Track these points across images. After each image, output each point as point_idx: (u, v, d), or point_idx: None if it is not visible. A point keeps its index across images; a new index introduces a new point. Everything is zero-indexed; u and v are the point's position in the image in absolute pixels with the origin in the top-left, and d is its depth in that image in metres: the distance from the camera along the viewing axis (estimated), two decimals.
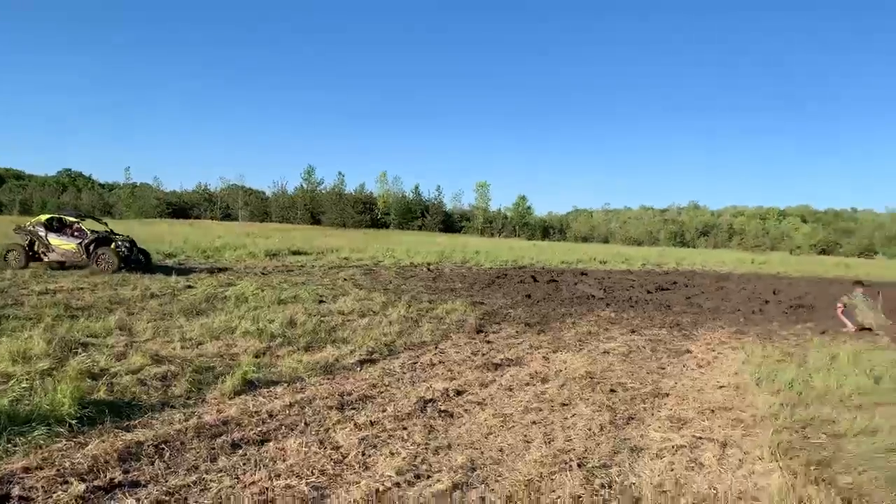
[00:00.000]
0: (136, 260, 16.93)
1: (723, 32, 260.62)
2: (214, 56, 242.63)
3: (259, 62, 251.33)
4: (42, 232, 16.39)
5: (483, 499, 4.06)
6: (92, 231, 16.99)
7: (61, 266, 16.50)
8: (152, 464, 4.35)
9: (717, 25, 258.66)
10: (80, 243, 16.36)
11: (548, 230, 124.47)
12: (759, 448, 5.21)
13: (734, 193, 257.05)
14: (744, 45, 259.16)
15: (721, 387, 7.55)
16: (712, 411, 6.46)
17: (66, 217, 17.42)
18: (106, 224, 18.31)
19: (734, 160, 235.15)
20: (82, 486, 3.90)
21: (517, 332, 10.84)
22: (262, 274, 18.06)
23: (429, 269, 23.88)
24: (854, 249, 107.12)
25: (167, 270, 17.24)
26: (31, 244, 16.54)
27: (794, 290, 23.80)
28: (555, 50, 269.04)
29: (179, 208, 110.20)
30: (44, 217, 16.98)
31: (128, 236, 17.66)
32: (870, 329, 12.60)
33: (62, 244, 16.39)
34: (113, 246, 16.50)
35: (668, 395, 7.11)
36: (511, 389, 6.96)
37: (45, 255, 16.45)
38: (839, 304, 13.42)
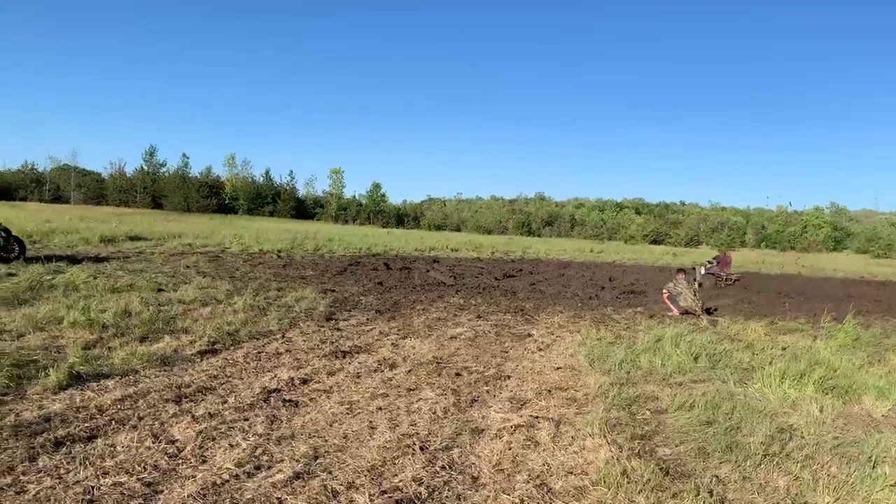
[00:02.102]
0: (12, 249, 15.07)
1: (558, 27, 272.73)
2: (35, 19, 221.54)
3: (89, 27, 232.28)
4: None
5: (325, 486, 4.04)
6: None
7: None
8: None
9: (551, 17, 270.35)
10: None
11: (402, 218, 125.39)
12: (590, 425, 5.53)
13: (577, 186, 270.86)
14: (578, 38, 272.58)
15: (558, 368, 7.95)
16: (549, 392, 6.80)
17: None
18: None
19: (577, 155, 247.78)
20: None
21: (368, 319, 10.85)
22: (96, 261, 16.83)
23: (279, 257, 23.28)
24: (682, 239, 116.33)
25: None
26: None
27: (627, 276, 25.54)
28: (406, 40, 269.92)
29: (2, 189, 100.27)
30: None
31: (0, 223, 15.83)
32: (692, 313, 13.79)
33: None
34: None
35: (509, 377, 7.40)
36: (359, 376, 6.97)
37: None
38: (665, 291, 14.55)
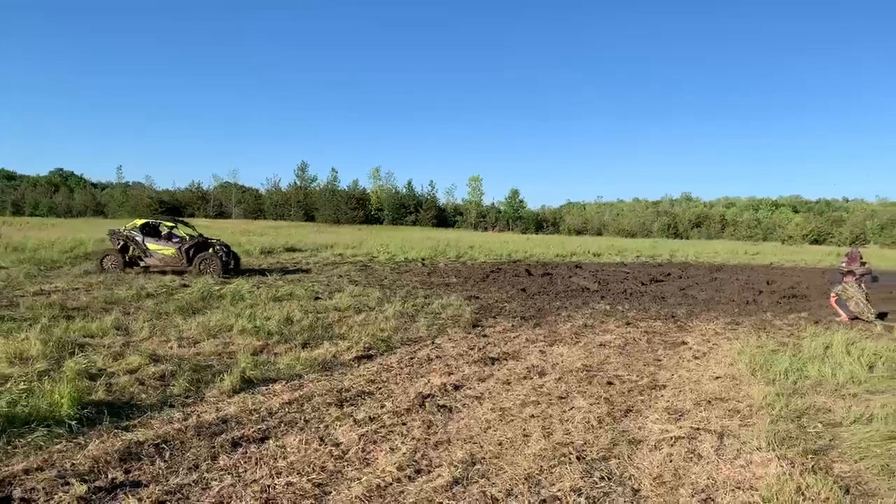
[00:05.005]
0: (229, 262, 16.85)
1: (714, 27, 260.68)
2: (205, 53, 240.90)
3: (249, 58, 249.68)
4: (139, 237, 16.46)
5: (484, 493, 4.08)
6: (190, 236, 17.01)
7: (147, 270, 16.65)
8: (153, 463, 4.35)
9: (709, 20, 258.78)
10: (179, 248, 16.42)
11: (541, 223, 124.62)
12: (756, 438, 5.24)
13: (726, 185, 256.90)
14: (734, 39, 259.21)
15: (717, 378, 7.59)
16: (709, 402, 6.50)
17: (162, 222, 17.43)
18: (194, 228, 18.31)
19: (726, 152, 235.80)
20: (84, 487, 3.90)
21: (513, 325, 10.86)
22: (258, 272, 18.02)
23: (423, 265, 23.89)
24: (846, 238, 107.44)
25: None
26: (125, 248, 16.58)
27: (786, 279, 23.90)
28: (548, 47, 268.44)
29: (173, 207, 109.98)
30: (139, 221, 17.01)
31: (221, 240, 17.71)
32: (863, 319, 12.68)
33: (160, 249, 16.45)
34: (212, 251, 16.59)
35: (664, 386, 7.14)
36: (509, 383, 6.99)
37: (142, 259, 16.50)
38: (833, 294, 13.49)
